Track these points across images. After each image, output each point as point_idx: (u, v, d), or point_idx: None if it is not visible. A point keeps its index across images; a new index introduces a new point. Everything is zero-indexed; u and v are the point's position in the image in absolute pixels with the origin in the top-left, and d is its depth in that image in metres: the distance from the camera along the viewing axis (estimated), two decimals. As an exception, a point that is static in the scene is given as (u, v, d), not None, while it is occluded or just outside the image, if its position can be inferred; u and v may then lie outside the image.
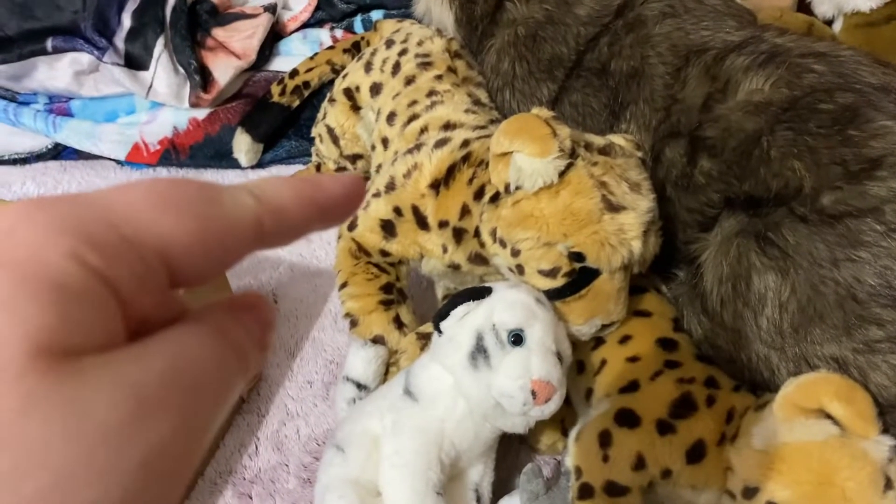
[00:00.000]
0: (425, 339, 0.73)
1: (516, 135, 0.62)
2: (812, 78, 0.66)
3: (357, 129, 0.93)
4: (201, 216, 0.19)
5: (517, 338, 0.59)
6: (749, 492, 0.56)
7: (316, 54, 1.06)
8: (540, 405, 0.59)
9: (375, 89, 0.89)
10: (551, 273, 0.63)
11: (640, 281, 0.71)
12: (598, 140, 0.66)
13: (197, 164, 1.08)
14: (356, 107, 0.92)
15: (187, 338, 0.19)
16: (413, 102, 0.82)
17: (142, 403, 0.16)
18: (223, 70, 1.06)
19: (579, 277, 0.63)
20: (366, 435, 0.63)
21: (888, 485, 0.52)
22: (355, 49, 1.04)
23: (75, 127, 1.07)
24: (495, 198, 0.66)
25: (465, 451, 0.63)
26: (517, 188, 0.63)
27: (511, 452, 0.72)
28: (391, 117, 0.83)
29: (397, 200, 0.74)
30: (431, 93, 0.82)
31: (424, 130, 0.78)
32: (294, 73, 1.05)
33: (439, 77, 0.85)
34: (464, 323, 0.62)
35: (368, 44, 1.02)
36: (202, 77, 1.05)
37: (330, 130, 0.94)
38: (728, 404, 0.61)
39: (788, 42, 0.71)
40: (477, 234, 0.69)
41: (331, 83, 1.01)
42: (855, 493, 0.52)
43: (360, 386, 0.72)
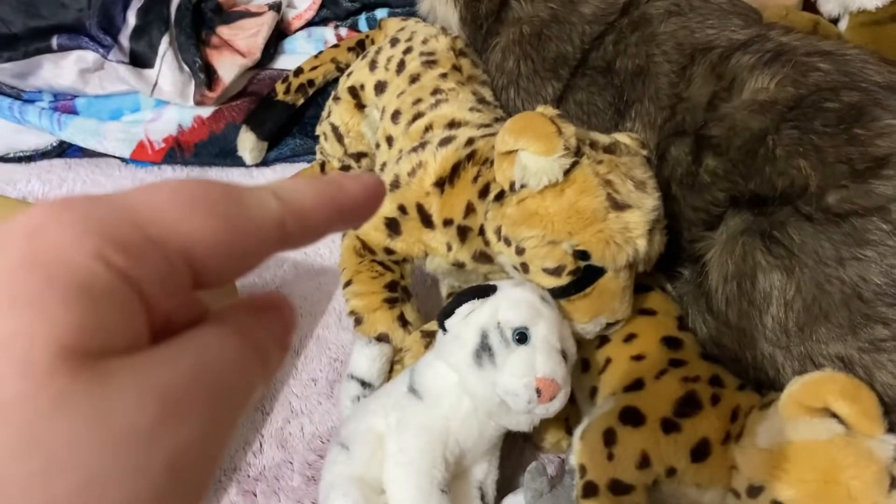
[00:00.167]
0: (430, 338, 0.73)
1: (521, 133, 0.62)
2: (818, 76, 0.66)
3: (361, 128, 0.93)
4: (225, 217, 0.19)
5: (522, 336, 0.59)
6: (754, 490, 0.56)
7: (321, 52, 1.06)
8: (545, 403, 0.59)
9: (380, 87, 0.89)
10: (556, 271, 0.63)
11: (645, 279, 0.70)
12: (604, 138, 0.66)
13: (201, 162, 1.08)
14: (361, 105, 0.92)
15: (211, 339, 0.19)
16: (418, 101, 0.82)
17: (168, 405, 0.17)
18: (228, 68, 1.06)
19: (584, 276, 0.63)
20: (370, 433, 0.64)
21: (893, 483, 0.52)
22: (360, 47, 1.04)
23: (80, 125, 1.08)
24: (500, 196, 0.66)
25: (470, 449, 0.63)
26: (522, 186, 0.63)
27: (515, 450, 0.72)
28: (396, 115, 0.83)
29: (402, 198, 0.74)
30: (436, 91, 0.82)
31: (429, 129, 0.78)
32: (299, 72, 1.05)
33: (444, 75, 0.84)
34: (468, 321, 0.62)
35: (373, 42, 1.02)
36: (207, 75, 1.05)
37: (334, 129, 0.94)
38: (733, 403, 0.61)
39: (794, 40, 0.70)
40: (481, 233, 0.69)
41: (335, 81, 1.01)
42: (860, 492, 0.52)
43: (365, 384, 0.72)
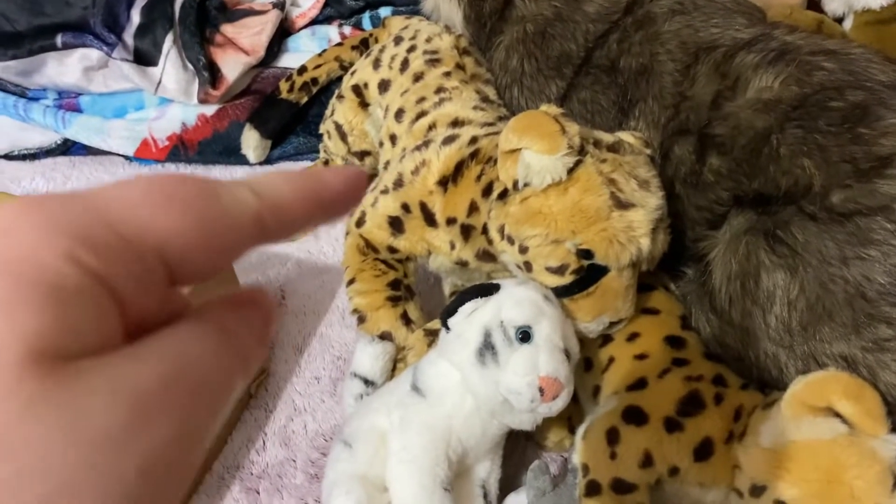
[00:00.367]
0: (433, 336, 0.73)
1: (525, 131, 0.62)
2: (822, 75, 0.66)
3: (365, 126, 0.93)
4: (200, 213, 0.19)
5: (525, 335, 0.59)
6: (757, 490, 0.56)
7: (324, 51, 1.06)
8: (547, 402, 0.59)
9: (384, 86, 0.89)
10: (559, 270, 0.63)
11: (649, 279, 0.70)
12: (607, 137, 0.66)
13: (205, 161, 1.09)
14: (364, 103, 0.92)
15: (187, 336, 0.18)
16: (421, 99, 0.82)
17: (141, 406, 0.16)
18: (232, 66, 1.06)
19: (587, 275, 0.63)
20: (373, 431, 0.64)
21: (896, 483, 0.52)
22: (364, 46, 1.04)
23: (84, 123, 1.08)
24: (503, 195, 0.66)
25: (473, 448, 0.63)
26: (525, 185, 0.63)
27: (518, 449, 0.72)
28: (399, 114, 0.83)
29: (405, 197, 0.74)
30: (440, 89, 0.82)
31: (433, 127, 0.78)
32: (302, 70, 1.05)
33: (447, 74, 0.84)
34: (472, 320, 0.62)
35: (377, 40, 1.02)
36: (211, 73, 1.05)
37: (338, 127, 0.94)
38: (736, 402, 0.61)
39: (798, 39, 0.70)
40: (485, 231, 0.69)
41: (339, 80, 1.01)
42: (863, 492, 0.52)
43: (368, 382, 0.72)
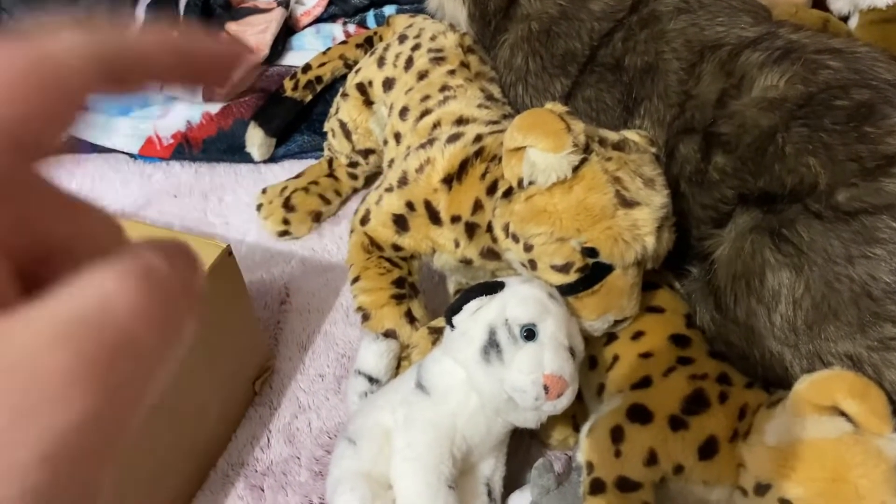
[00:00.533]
0: (437, 334, 0.73)
1: (530, 130, 0.62)
2: (827, 74, 0.66)
3: (369, 124, 0.93)
4: (30, 90, 0.16)
5: (530, 332, 0.59)
6: (761, 488, 0.56)
7: (329, 49, 1.06)
8: (552, 400, 0.59)
9: (388, 84, 0.89)
10: (564, 268, 0.63)
11: (653, 277, 0.70)
12: (612, 135, 0.66)
13: (210, 158, 1.09)
14: (369, 102, 0.92)
15: (102, 282, 0.15)
16: (426, 97, 0.82)
17: (39, 381, 0.13)
18: (236, 64, 1.06)
19: (592, 273, 0.63)
20: (378, 428, 0.64)
21: (902, 482, 0.52)
22: (368, 44, 1.04)
23: (89, 120, 1.08)
24: (508, 193, 0.66)
25: (477, 445, 0.63)
26: (530, 183, 0.63)
27: (522, 447, 0.72)
28: (404, 112, 0.83)
29: (410, 195, 0.74)
30: (444, 88, 0.82)
31: (437, 125, 0.78)
32: (307, 68, 1.05)
33: (452, 72, 0.85)
34: (476, 317, 0.62)
35: (381, 39, 1.02)
36: (215, 71, 1.05)
37: (342, 125, 0.94)
38: (741, 401, 0.61)
39: (804, 38, 0.70)
40: (489, 229, 0.69)
41: (343, 78, 1.01)
42: (868, 491, 0.52)
43: (372, 380, 0.72)
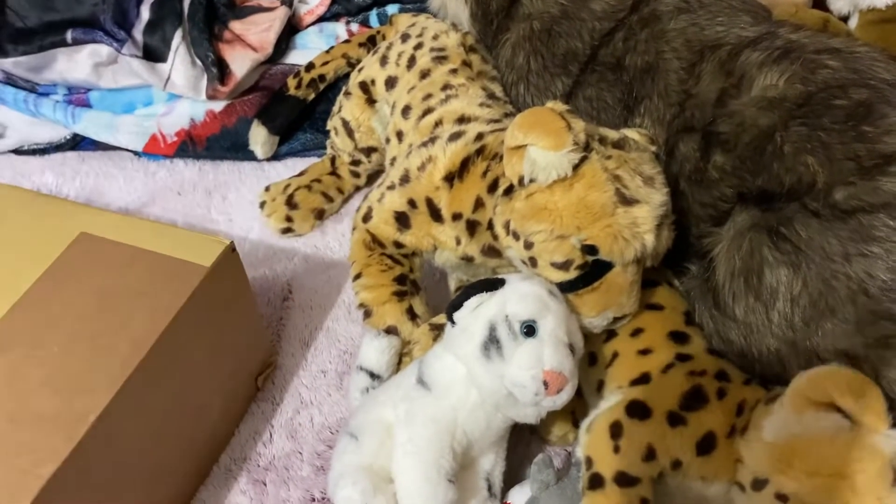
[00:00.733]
0: (438, 330, 0.74)
1: (531, 128, 0.62)
2: (826, 74, 0.66)
3: (372, 123, 0.94)
4: None
5: (530, 329, 0.60)
6: (758, 483, 0.56)
7: (332, 48, 1.07)
8: (552, 395, 0.59)
9: (391, 83, 0.89)
10: (564, 265, 0.64)
11: (653, 275, 0.71)
12: (613, 134, 0.66)
13: (213, 156, 1.09)
14: (371, 100, 0.93)
15: None
16: (428, 96, 0.83)
17: None
18: (240, 63, 1.07)
19: (592, 270, 0.64)
20: (379, 423, 0.64)
21: (897, 478, 0.53)
22: (371, 43, 1.05)
23: (94, 118, 1.09)
24: (509, 190, 0.66)
25: (477, 440, 0.64)
26: (531, 181, 0.64)
27: (522, 443, 0.73)
28: (406, 111, 0.84)
29: (412, 193, 0.74)
30: (446, 86, 0.83)
31: (439, 124, 0.79)
32: (310, 67, 1.05)
33: (454, 71, 0.85)
34: (477, 314, 0.62)
35: (384, 38, 1.03)
36: (219, 69, 1.05)
37: (345, 123, 0.95)
38: (739, 397, 0.62)
39: (803, 38, 0.71)
40: (490, 227, 0.69)
41: (346, 77, 1.01)
42: (864, 487, 0.52)
43: (374, 375, 0.73)
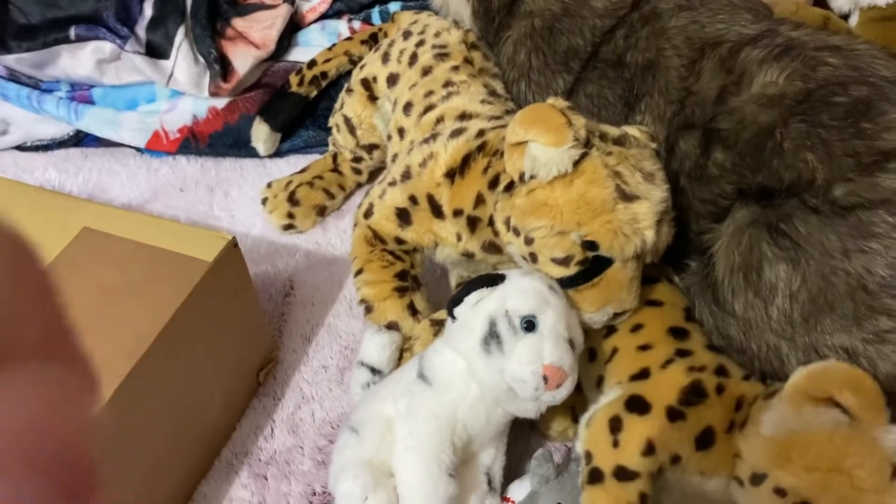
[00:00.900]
0: (439, 326, 0.74)
1: (532, 124, 0.63)
2: (826, 71, 0.66)
3: (374, 119, 0.94)
4: None
5: (530, 324, 0.60)
6: (757, 478, 0.57)
7: (334, 45, 1.07)
8: (551, 390, 0.60)
9: (392, 80, 0.90)
10: (564, 261, 0.64)
11: (653, 271, 0.71)
12: (613, 130, 0.67)
13: (215, 153, 1.10)
14: (373, 97, 0.93)
15: None
16: (429, 93, 0.83)
17: None
18: (242, 60, 1.07)
19: (592, 266, 0.64)
20: (380, 418, 0.65)
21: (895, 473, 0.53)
22: (373, 40, 1.05)
23: (97, 114, 1.09)
24: (510, 187, 0.67)
25: (477, 435, 0.64)
26: (532, 177, 0.64)
27: (522, 438, 0.73)
28: (408, 107, 0.84)
29: (413, 189, 0.74)
30: (448, 83, 0.83)
31: (440, 120, 0.79)
32: (312, 64, 1.06)
33: (456, 68, 0.85)
34: (477, 309, 0.63)
35: (386, 35, 1.03)
36: (222, 66, 1.06)
37: (347, 120, 0.95)
38: (737, 392, 0.62)
39: (804, 35, 0.71)
40: (491, 223, 0.70)
41: (348, 74, 1.02)
42: (863, 481, 0.52)
43: (375, 371, 0.73)
